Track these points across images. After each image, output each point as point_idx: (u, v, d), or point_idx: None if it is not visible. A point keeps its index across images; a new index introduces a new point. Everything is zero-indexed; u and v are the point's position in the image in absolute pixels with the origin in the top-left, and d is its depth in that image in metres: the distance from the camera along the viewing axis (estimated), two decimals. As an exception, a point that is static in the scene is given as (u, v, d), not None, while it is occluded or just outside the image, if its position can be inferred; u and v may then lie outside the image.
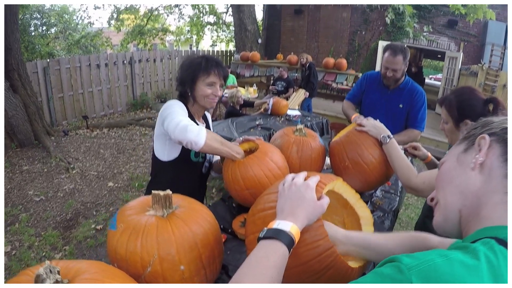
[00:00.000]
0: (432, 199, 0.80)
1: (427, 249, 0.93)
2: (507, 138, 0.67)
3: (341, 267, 0.92)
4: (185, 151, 1.79)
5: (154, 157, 1.84)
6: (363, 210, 1.20)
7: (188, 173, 1.86)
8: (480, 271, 0.50)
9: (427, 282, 0.49)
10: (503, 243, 0.56)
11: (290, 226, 0.82)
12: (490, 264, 0.51)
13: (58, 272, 0.76)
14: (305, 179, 0.96)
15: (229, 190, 1.69)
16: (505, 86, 8.27)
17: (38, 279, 0.74)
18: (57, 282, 0.75)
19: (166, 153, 1.79)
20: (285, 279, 0.79)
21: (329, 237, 0.95)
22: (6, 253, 3.33)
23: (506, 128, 0.69)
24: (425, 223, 2.10)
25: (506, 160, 0.66)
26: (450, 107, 1.73)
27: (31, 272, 0.81)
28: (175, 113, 1.61)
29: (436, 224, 0.76)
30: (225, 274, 1.31)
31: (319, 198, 0.92)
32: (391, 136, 1.70)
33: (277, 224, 0.83)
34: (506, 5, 9.51)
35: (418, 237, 1.00)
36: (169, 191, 1.11)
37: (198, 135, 1.49)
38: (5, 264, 3.17)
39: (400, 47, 2.63)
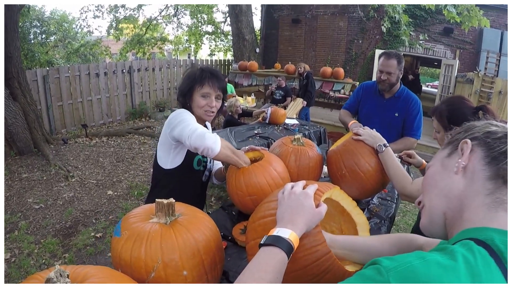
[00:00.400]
0: (419, 203, 0.83)
1: (413, 248, 0.98)
2: (489, 142, 0.70)
3: (339, 271, 0.96)
4: (188, 160, 1.82)
5: (156, 165, 1.87)
6: (359, 217, 1.25)
7: (189, 181, 1.89)
8: (457, 271, 0.53)
9: (404, 282, 0.53)
10: (483, 244, 0.59)
11: (289, 233, 0.86)
12: (468, 264, 0.54)
13: (68, 276, 0.80)
14: (304, 188, 1.00)
15: (231, 195, 1.73)
16: (500, 92, 8.35)
17: (49, 283, 0.78)
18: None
19: (169, 161, 1.81)
20: (285, 283, 0.83)
21: None
22: (5, 261, 3.34)
23: (488, 132, 0.71)
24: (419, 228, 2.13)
25: (488, 163, 0.68)
26: (440, 116, 1.78)
27: (40, 277, 0.84)
28: (188, 120, 1.64)
29: (423, 227, 0.80)
30: (225, 280, 1.34)
31: (317, 206, 0.96)
32: (387, 144, 1.75)
33: (277, 231, 0.87)
34: (501, 13, 9.67)
35: (405, 238, 1.04)
36: (172, 200, 1.15)
37: (215, 142, 1.53)
38: (4, 271, 3.18)
39: (394, 53, 2.73)
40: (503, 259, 0.57)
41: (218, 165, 2.09)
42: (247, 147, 1.87)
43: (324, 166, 2.07)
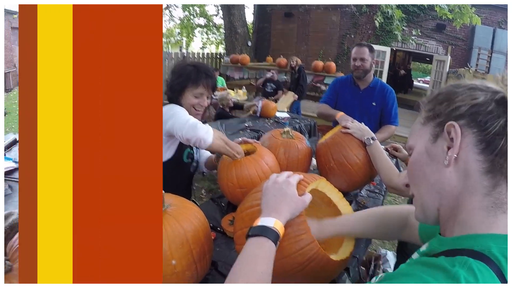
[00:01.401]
0: (407, 184, 0.74)
1: (396, 220, 1.05)
2: (480, 121, 0.58)
3: (323, 259, 0.98)
4: (178, 153, 1.83)
5: None
6: (345, 208, 1.27)
7: (178, 174, 1.90)
8: None
9: None
10: (480, 255, 0.54)
11: (273, 222, 0.88)
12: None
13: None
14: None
15: (222, 186, 1.74)
16: (491, 88, 8.47)
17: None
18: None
19: None
20: (272, 272, 0.85)
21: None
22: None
23: (475, 105, 0.59)
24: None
25: (483, 150, 0.57)
26: None
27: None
28: (180, 113, 1.63)
29: (418, 219, 0.73)
30: (214, 270, 1.36)
31: (301, 195, 0.98)
32: (375, 138, 1.77)
33: (262, 221, 0.89)
34: (494, 10, 9.77)
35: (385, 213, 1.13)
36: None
37: (207, 133, 1.52)
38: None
39: (365, 43, 2.94)
40: (502, 269, 0.53)
41: (205, 153, 2.10)
42: (240, 139, 1.87)
43: (313, 159, 2.10)
